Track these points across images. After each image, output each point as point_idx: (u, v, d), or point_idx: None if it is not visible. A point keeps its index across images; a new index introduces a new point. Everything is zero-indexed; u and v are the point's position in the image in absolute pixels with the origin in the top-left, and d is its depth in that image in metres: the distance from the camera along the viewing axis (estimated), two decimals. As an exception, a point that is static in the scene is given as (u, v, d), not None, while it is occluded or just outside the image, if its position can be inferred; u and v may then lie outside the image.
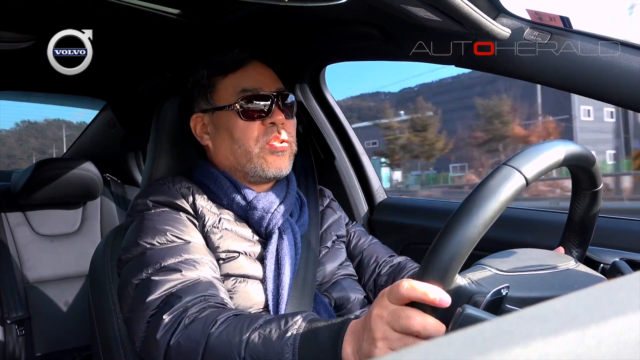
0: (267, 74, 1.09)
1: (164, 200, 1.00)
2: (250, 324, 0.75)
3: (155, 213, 0.98)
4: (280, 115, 1.04)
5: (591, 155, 0.72)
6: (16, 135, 13.85)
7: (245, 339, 0.73)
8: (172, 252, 0.89)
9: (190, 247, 0.91)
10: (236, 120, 1.04)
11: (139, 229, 0.96)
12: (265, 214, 1.01)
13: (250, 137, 1.03)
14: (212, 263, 0.92)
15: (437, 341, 0.24)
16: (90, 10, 1.26)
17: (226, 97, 1.06)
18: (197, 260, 0.89)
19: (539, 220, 1.30)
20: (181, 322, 0.78)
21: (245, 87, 1.05)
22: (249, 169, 1.04)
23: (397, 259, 1.18)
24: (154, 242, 0.92)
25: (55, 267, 2.03)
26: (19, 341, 1.83)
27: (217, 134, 1.07)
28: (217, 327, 0.76)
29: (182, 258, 0.88)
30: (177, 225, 0.95)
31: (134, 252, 0.93)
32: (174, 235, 0.93)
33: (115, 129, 2.42)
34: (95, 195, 2.16)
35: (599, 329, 0.25)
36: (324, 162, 1.67)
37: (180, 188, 1.03)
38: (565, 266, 0.73)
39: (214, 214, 1.00)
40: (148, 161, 1.17)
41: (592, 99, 0.99)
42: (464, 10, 0.92)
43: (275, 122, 1.03)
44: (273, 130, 1.04)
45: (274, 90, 1.06)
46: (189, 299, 0.81)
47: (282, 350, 0.70)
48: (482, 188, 0.60)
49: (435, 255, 0.59)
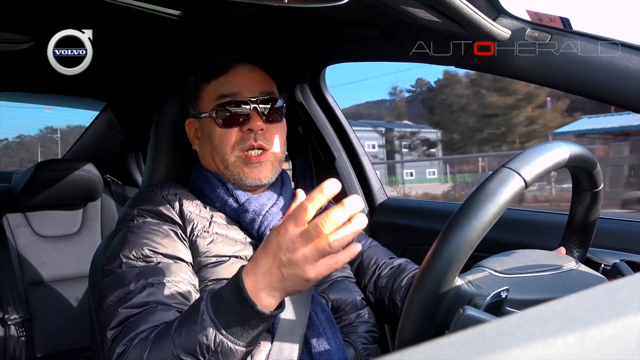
0: (251, 78, 1.07)
1: (150, 208, 1.00)
2: (170, 325, 0.76)
3: (136, 225, 0.98)
4: (258, 121, 1.02)
5: (591, 157, 0.72)
6: (39, 141, 14.09)
7: (171, 339, 0.74)
8: (140, 275, 0.89)
9: (159, 268, 0.91)
10: (214, 127, 1.04)
11: (121, 241, 0.97)
12: (257, 217, 1.01)
13: (226, 145, 1.03)
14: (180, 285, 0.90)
15: (438, 342, 0.24)
16: (90, 11, 1.26)
17: (208, 104, 1.06)
18: (163, 282, 0.89)
19: (540, 222, 1.30)
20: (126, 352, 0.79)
21: (223, 92, 1.04)
22: (229, 176, 1.04)
23: (397, 261, 1.17)
24: (130, 255, 0.92)
25: (56, 268, 2.03)
26: (20, 342, 1.83)
27: (202, 139, 1.08)
28: (148, 345, 0.77)
29: (147, 282, 0.88)
30: (155, 239, 0.95)
31: (113, 264, 0.94)
32: (151, 250, 0.93)
33: (115, 130, 2.42)
34: (95, 196, 2.16)
35: (599, 330, 0.25)
36: (324, 163, 1.67)
37: (168, 195, 1.03)
38: (565, 267, 0.73)
39: (204, 218, 1.00)
40: (148, 162, 1.17)
41: (592, 99, 0.99)
42: (464, 12, 0.92)
43: (253, 129, 1.02)
44: (250, 138, 1.02)
45: (256, 94, 1.04)
46: (140, 329, 0.81)
47: (203, 327, 0.72)
48: (481, 190, 0.60)
49: (435, 258, 0.59)
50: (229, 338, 0.71)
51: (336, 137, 1.67)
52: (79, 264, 2.04)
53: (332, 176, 1.85)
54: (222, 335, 0.71)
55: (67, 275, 2.04)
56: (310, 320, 0.95)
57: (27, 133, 14.83)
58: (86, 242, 2.12)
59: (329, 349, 0.92)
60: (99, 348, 1.09)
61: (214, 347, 0.71)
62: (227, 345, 0.71)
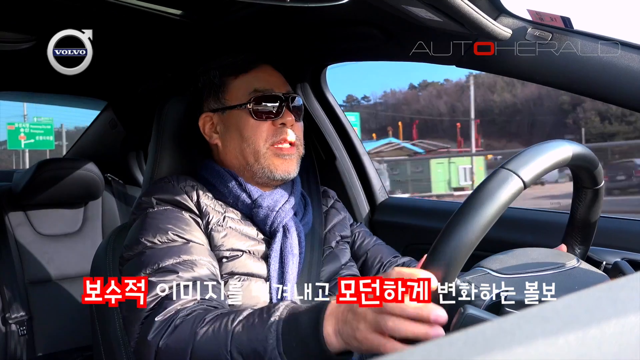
0: (277, 77, 1.11)
1: (168, 198, 1.00)
2: (235, 317, 0.76)
3: (158, 211, 0.98)
4: (290, 116, 1.05)
5: (591, 155, 0.72)
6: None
7: (230, 331, 0.74)
8: (170, 252, 0.90)
9: (189, 247, 0.92)
10: (247, 119, 1.05)
11: (142, 227, 0.96)
12: (270, 212, 1.02)
13: (259, 137, 1.04)
14: (210, 264, 0.92)
15: (439, 341, 0.24)
16: (90, 11, 1.26)
17: (238, 97, 1.07)
18: (195, 261, 0.90)
19: (541, 220, 1.30)
20: (171, 325, 0.80)
21: (257, 87, 1.06)
22: (257, 169, 1.05)
23: (401, 260, 1.18)
24: (155, 240, 0.92)
25: (57, 267, 2.03)
26: (21, 341, 1.83)
27: (226, 133, 1.08)
28: (204, 325, 0.77)
29: (180, 259, 0.89)
30: (179, 224, 0.95)
31: (135, 249, 0.94)
32: (175, 234, 0.93)
33: (116, 129, 2.42)
34: (96, 195, 2.16)
35: (600, 329, 0.25)
36: (325, 163, 1.67)
37: (185, 186, 1.03)
38: (566, 265, 0.73)
39: (218, 212, 1.01)
40: (149, 161, 1.17)
41: (592, 99, 0.99)
42: (465, 11, 0.92)
43: (286, 123, 1.05)
44: (282, 132, 1.05)
45: (284, 92, 1.08)
46: (182, 302, 0.82)
47: (265, 337, 0.71)
48: (480, 192, 0.60)
49: (434, 259, 0.59)
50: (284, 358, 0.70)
51: (337, 136, 1.67)
52: (80, 262, 2.04)
53: (333, 175, 1.85)
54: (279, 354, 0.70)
55: (68, 274, 2.04)
56: None
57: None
58: (87, 240, 2.12)
59: None
60: (99, 347, 1.09)
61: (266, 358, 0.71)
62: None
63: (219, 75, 1.10)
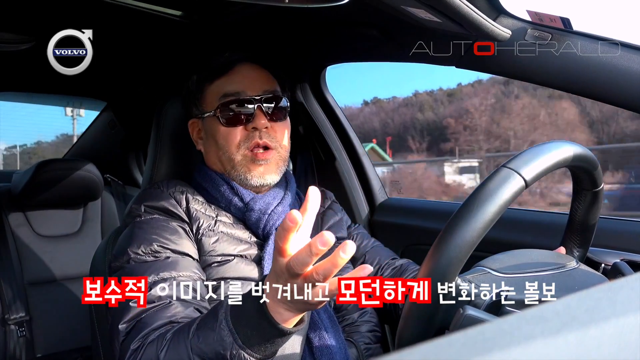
0: (254, 76, 1.07)
1: (156, 205, 1.00)
2: (189, 329, 0.76)
3: (144, 220, 0.98)
4: (263, 119, 1.02)
5: (592, 157, 0.72)
6: (54, 147, 14.06)
7: (188, 344, 0.74)
8: (150, 269, 0.89)
9: (169, 263, 0.91)
10: (218, 126, 1.04)
11: (129, 236, 0.97)
12: (262, 215, 1.01)
13: (232, 144, 1.02)
14: (191, 279, 0.91)
15: (438, 341, 0.24)
16: (90, 11, 1.26)
17: (211, 103, 1.06)
18: (174, 277, 0.89)
19: (540, 221, 1.30)
20: (142, 349, 0.79)
21: (226, 91, 1.04)
22: (235, 175, 1.04)
23: (399, 262, 1.17)
24: (139, 251, 0.92)
25: (56, 267, 2.03)
26: (20, 342, 1.83)
27: (207, 139, 1.08)
28: (164, 346, 0.77)
29: (158, 277, 0.88)
30: (164, 234, 0.95)
31: (120, 260, 0.94)
32: (160, 245, 0.93)
33: (115, 129, 2.42)
34: (96, 196, 2.16)
35: (599, 330, 0.25)
36: (325, 163, 1.67)
37: (174, 192, 1.03)
38: (566, 267, 0.73)
39: (209, 217, 1.01)
40: (149, 162, 1.17)
41: (592, 99, 0.99)
42: (464, 12, 0.92)
43: (257, 127, 1.02)
44: (255, 136, 1.02)
45: (260, 92, 1.04)
46: (155, 325, 0.81)
47: (221, 337, 0.71)
48: (481, 190, 0.60)
49: (435, 259, 0.59)
50: (247, 351, 0.70)
51: (337, 137, 1.67)
52: (79, 263, 2.04)
53: (332, 176, 1.85)
54: (240, 347, 0.70)
55: (67, 275, 2.04)
56: (312, 320, 0.95)
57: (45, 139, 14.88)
58: (86, 241, 2.12)
59: (330, 349, 0.92)
60: (99, 348, 1.09)
61: (230, 358, 0.71)
62: (244, 357, 0.71)
63: (196, 82, 1.08)
